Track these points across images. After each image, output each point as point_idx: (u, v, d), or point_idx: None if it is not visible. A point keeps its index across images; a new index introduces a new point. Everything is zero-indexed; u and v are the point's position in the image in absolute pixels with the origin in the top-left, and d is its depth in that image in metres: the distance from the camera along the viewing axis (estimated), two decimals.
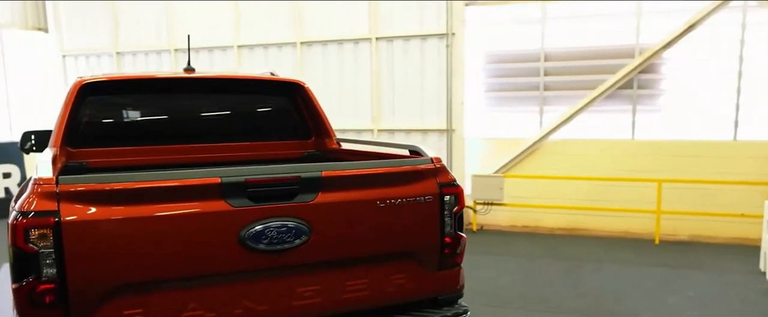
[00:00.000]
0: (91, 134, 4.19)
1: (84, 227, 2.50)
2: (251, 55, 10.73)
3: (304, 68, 10.32)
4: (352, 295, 3.11)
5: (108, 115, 4.37)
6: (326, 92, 10.21)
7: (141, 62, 11.52)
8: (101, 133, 4.27)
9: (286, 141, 4.78)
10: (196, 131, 4.60)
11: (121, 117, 4.49)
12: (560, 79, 9.47)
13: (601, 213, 9.03)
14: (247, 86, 4.81)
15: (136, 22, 11.44)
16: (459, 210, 3.33)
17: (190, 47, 5.09)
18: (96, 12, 11.72)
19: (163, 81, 4.56)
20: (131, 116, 4.57)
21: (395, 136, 9.90)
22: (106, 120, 4.36)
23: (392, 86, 9.88)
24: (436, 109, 9.56)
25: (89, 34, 11.82)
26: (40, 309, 2.50)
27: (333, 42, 10.16)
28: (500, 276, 6.87)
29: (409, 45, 9.73)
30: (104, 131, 4.30)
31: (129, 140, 4.33)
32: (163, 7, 11.15)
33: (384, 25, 9.84)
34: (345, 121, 10.16)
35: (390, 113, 9.94)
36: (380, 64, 9.90)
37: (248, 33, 10.66)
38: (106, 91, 4.21)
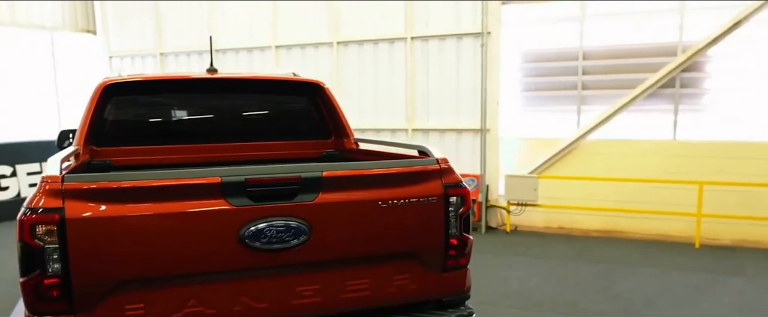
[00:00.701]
0: (115, 133, 4.32)
1: (87, 224, 2.58)
2: (289, 55, 10.85)
3: (340, 68, 10.39)
4: (353, 295, 3.11)
5: (131, 115, 4.50)
6: (361, 92, 10.28)
7: (183, 63, 11.81)
8: (125, 132, 4.40)
9: (306, 141, 4.82)
10: (217, 131, 4.69)
11: (145, 117, 4.61)
12: (599, 78, 9.26)
13: (639, 216, 8.78)
14: (268, 86, 4.87)
15: (179, 23, 11.74)
16: (465, 212, 3.30)
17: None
18: (141, 14, 12.08)
19: (185, 82, 4.66)
20: (154, 116, 4.69)
21: (430, 136, 9.87)
22: (130, 120, 4.49)
23: (427, 86, 9.85)
24: (471, 109, 9.49)
25: (134, 35, 12.19)
26: (46, 302, 2.59)
27: (369, 42, 10.19)
28: (530, 277, 6.77)
29: (445, 44, 9.68)
30: (128, 131, 4.43)
31: (152, 139, 4.44)
32: (204, 8, 11.40)
33: (419, 25, 9.82)
34: (380, 121, 10.19)
35: (424, 113, 9.91)
36: (415, 63, 9.88)
37: (286, 33, 10.80)
38: (129, 91, 4.33)
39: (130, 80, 4.25)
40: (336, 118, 4.73)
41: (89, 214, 2.59)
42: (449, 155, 9.94)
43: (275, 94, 4.88)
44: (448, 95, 9.70)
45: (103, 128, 4.24)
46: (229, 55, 11.34)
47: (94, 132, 4.13)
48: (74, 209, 2.56)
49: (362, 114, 10.34)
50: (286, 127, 4.88)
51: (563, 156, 9.35)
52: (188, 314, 2.81)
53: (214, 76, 4.46)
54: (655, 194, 8.68)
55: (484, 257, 7.68)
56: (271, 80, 4.88)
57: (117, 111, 4.32)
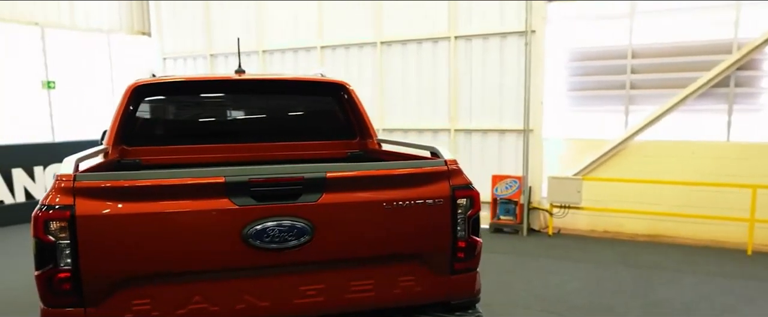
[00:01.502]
0: (145, 133, 4.47)
1: (96, 221, 2.69)
2: (333, 55, 10.95)
3: (383, 68, 10.41)
4: (357, 295, 3.12)
5: (160, 115, 4.64)
6: (404, 93, 10.28)
7: (232, 64, 12.02)
8: (154, 132, 4.54)
9: (331, 141, 4.85)
10: (244, 131, 4.78)
11: (173, 117, 4.75)
12: (648, 77, 8.96)
13: (689, 220, 8.46)
14: (294, 87, 4.93)
15: (227, 25, 12.01)
16: (473, 214, 3.25)
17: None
18: (192, 17, 12.43)
19: (212, 83, 4.77)
20: (183, 116, 4.81)
21: (472, 136, 9.78)
22: (159, 120, 4.63)
23: (470, 86, 9.76)
24: (514, 109, 9.34)
25: (186, 37, 12.55)
26: (58, 296, 2.71)
27: (412, 41, 10.17)
28: (568, 282, 6.61)
29: (488, 44, 9.57)
30: (157, 131, 4.57)
31: (181, 139, 4.57)
32: (251, 10, 11.62)
33: (463, 24, 9.73)
34: (422, 121, 10.17)
35: (467, 113, 9.82)
36: (458, 63, 9.81)
37: (331, 34, 10.90)
38: (158, 93, 4.46)
39: (159, 82, 4.38)
40: (360, 118, 4.75)
41: (98, 211, 2.69)
42: (491, 156, 9.84)
43: (301, 94, 4.93)
44: (491, 95, 9.59)
45: (134, 128, 4.39)
46: (276, 56, 11.54)
47: (124, 132, 4.28)
48: (84, 207, 2.67)
49: (405, 114, 10.34)
50: (312, 127, 4.93)
51: (610, 158, 9.09)
52: (193, 310, 2.88)
53: (241, 77, 4.55)
54: (706, 197, 8.34)
55: (523, 259, 7.56)
56: (297, 81, 4.94)
57: (146, 112, 4.47)
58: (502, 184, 9.13)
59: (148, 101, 4.45)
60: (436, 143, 9.65)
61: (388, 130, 10.48)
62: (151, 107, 4.52)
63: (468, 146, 9.87)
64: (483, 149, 9.74)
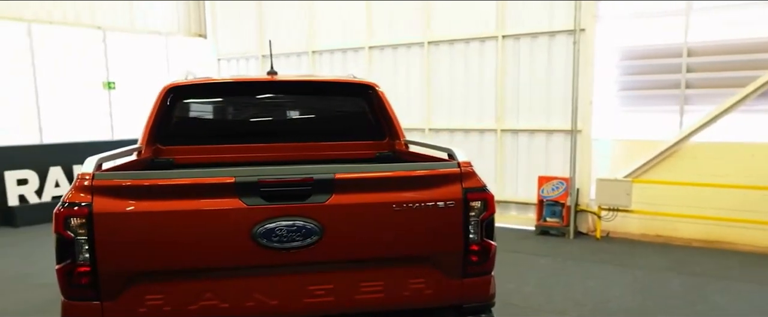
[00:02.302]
0: (178, 132, 4.59)
1: (112, 218, 2.80)
2: (381, 55, 10.98)
3: (430, 68, 10.37)
4: (367, 297, 3.11)
5: (193, 116, 4.76)
6: (451, 93, 10.22)
7: (283, 64, 12.27)
8: (187, 132, 4.66)
9: (360, 142, 4.86)
10: (275, 131, 4.85)
11: (205, 118, 4.87)
12: (705, 75, 8.57)
13: (748, 226, 8.04)
14: (323, 88, 4.97)
15: (279, 26, 12.23)
16: (487, 217, 3.19)
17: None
18: (246, 18, 12.72)
19: (244, 84, 4.85)
20: (215, 117, 4.93)
21: (519, 137, 9.61)
22: (192, 121, 4.75)
23: (517, 86, 9.60)
24: (562, 109, 9.13)
25: (240, 39, 12.86)
26: (77, 289, 2.84)
27: (460, 41, 10.09)
28: (610, 287, 6.41)
29: (536, 43, 9.39)
30: (190, 131, 4.69)
31: (212, 138, 4.68)
32: (302, 12, 11.79)
33: (511, 23, 9.59)
34: (468, 121, 10.08)
35: (514, 114, 9.66)
36: (506, 63, 9.66)
37: (379, 34, 10.94)
38: (191, 94, 4.58)
39: (191, 83, 4.50)
40: (388, 119, 4.72)
41: (114, 209, 2.80)
42: (538, 157, 9.69)
43: (331, 95, 4.96)
44: (538, 95, 9.41)
45: (168, 128, 4.52)
46: (325, 57, 11.66)
47: (158, 132, 4.42)
48: (101, 205, 2.78)
49: (452, 115, 10.27)
50: (341, 128, 4.96)
51: (663, 159, 8.74)
52: (204, 307, 2.95)
53: (271, 78, 4.61)
54: (766, 202, 7.91)
55: (566, 263, 7.38)
56: (327, 82, 4.97)
57: (180, 112, 4.60)
58: (549, 185, 8.94)
59: (182, 101, 4.57)
60: (483, 144, 9.63)
61: (434, 130, 10.44)
62: (185, 107, 4.64)
63: (514, 147, 9.70)
64: (530, 149, 9.56)
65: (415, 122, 10.63)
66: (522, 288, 6.38)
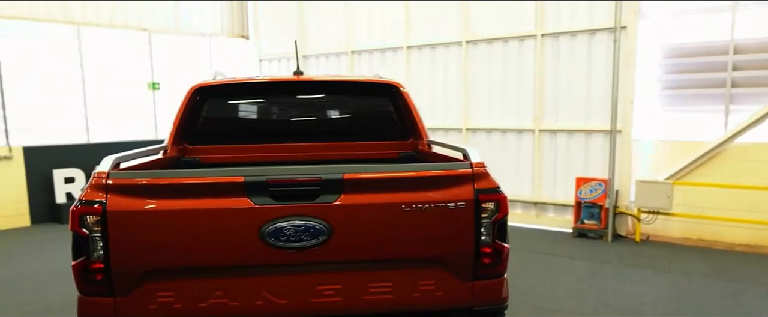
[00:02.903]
0: (205, 132, 4.70)
1: (125, 216, 2.89)
2: (420, 55, 10.98)
3: (468, 68, 10.31)
4: (375, 298, 3.13)
5: (219, 115, 4.85)
6: (489, 92, 10.15)
7: (322, 64, 12.41)
8: (214, 132, 4.77)
9: (385, 142, 4.88)
10: (300, 131, 4.92)
11: (232, 118, 4.95)
12: (752, 74, 8.26)
13: None
14: (348, 88, 5.00)
15: (319, 27, 12.36)
16: (499, 219, 3.16)
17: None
18: (287, 19, 12.90)
19: (269, 85, 4.93)
20: (241, 117, 5.02)
21: (557, 137, 9.47)
22: (218, 120, 4.85)
23: (556, 85, 9.46)
24: (602, 109, 8.96)
25: (281, 39, 13.05)
26: (92, 285, 2.95)
27: (498, 40, 10.00)
28: (646, 292, 6.27)
29: (576, 41, 9.23)
30: (216, 130, 4.79)
31: (238, 138, 4.77)
32: (341, 12, 11.89)
33: (551, 22, 9.45)
34: (506, 121, 9.99)
35: (553, 114, 9.53)
36: (544, 62, 9.53)
37: (417, 34, 10.93)
38: (217, 94, 4.68)
39: (218, 83, 4.60)
40: (412, 119, 4.72)
41: (127, 207, 2.89)
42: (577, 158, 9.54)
43: (355, 95, 4.99)
44: (577, 95, 9.25)
45: (195, 127, 4.63)
46: (364, 57, 11.73)
47: (185, 131, 4.54)
48: (115, 203, 2.88)
49: (490, 115, 10.19)
50: (365, 128, 4.99)
51: (707, 161, 8.48)
52: (213, 304, 3.02)
53: (297, 78, 4.68)
54: None
55: (602, 266, 7.25)
56: (351, 82, 5.01)
57: (206, 112, 4.70)
58: (587, 187, 8.78)
59: (208, 102, 4.68)
60: (521, 144, 9.54)
61: (471, 130, 10.38)
62: (211, 107, 4.74)
63: (553, 148, 9.57)
64: (568, 150, 9.41)
65: (452, 122, 10.60)
66: (554, 292, 6.31)
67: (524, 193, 9.92)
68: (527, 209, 9.93)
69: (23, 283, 6.75)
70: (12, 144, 9.68)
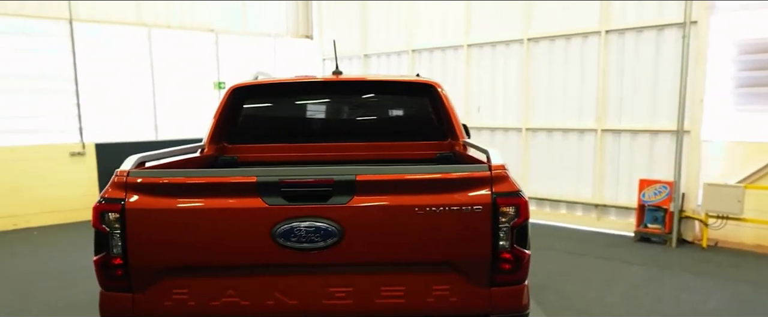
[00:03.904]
0: (243, 131, 4.79)
1: (142, 214, 2.96)
2: (480, 53, 10.81)
3: (529, 66, 10.06)
4: (387, 301, 3.06)
5: (257, 115, 4.93)
6: (550, 91, 9.89)
7: (383, 64, 12.44)
8: (252, 131, 4.84)
9: (422, 142, 4.81)
10: (337, 131, 4.93)
11: (269, 117, 5.02)
12: None
13: None
14: (385, 87, 4.96)
15: (380, 26, 12.40)
16: (519, 224, 3.00)
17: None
18: (350, 19, 13.01)
19: (307, 85, 4.95)
20: (278, 116, 5.07)
21: (621, 137, 9.09)
22: (256, 120, 4.93)
23: (620, 84, 9.08)
24: (670, 108, 8.51)
25: (343, 39, 13.13)
26: (112, 280, 3.04)
27: (560, 37, 9.70)
28: (706, 301, 5.92)
29: (643, 37, 8.83)
30: (254, 130, 4.87)
31: (276, 138, 4.83)
32: (403, 11, 11.87)
33: (616, 17, 9.08)
34: (568, 120, 9.69)
35: (616, 113, 9.15)
36: (609, 59, 9.17)
37: (478, 32, 10.77)
38: (255, 94, 4.75)
39: (255, 84, 4.67)
40: (448, 120, 4.62)
41: (144, 205, 2.96)
42: (641, 159, 9.18)
43: (393, 95, 4.95)
44: (643, 94, 8.84)
45: (233, 127, 4.72)
46: (424, 55, 11.67)
47: (223, 130, 4.63)
48: (133, 201, 2.96)
49: (550, 114, 9.91)
50: (403, 128, 4.95)
51: None
52: (226, 303, 3.05)
53: (334, 78, 4.69)
54: None
55: (662, 273, 6.90)
56: (389, 82, 4.97)
57: (245, 112, 4.78)
58: (651, 189, 8.38)
59: (247, 101, 4.76)
60: (582, 144, 9.25)
61: (532, 130, 10.13)
62: (250, 107, 4.82)
63: (616, 148, 9.18)
64: (632, 151, 9.01)
65: (513, 122, 10.38)
66: (604, 298, 6.05)
67: (585, 195, 9.58)
68: (588, 211, 9.58)
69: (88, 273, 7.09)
70: (85, 141, 10.22)
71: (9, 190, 9.41)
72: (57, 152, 9.87)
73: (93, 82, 10.44)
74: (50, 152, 9.85)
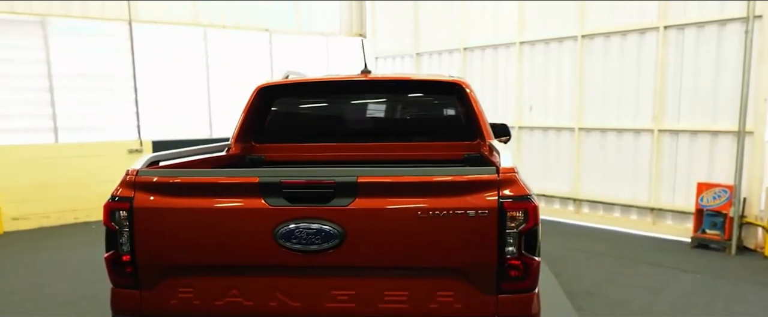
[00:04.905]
0: (272, 131, 4.81)
1: (149, 212, 3.01)
2: (532, 51, 10.55)
3: (583, 63, 9.74)
4: (390, 306, 2.99)
5: (285, 115, 4.93)
6: (605, 90, 9.57)
7: (435, 62, 12.33)
8: (280, 131, 4.85)
9: (451, 142, 4.71)
10: (365, 131, 4.89)
11: (296, 117, 5.02)
12: None
13: None
14: (414, 86, 4.88)
15: (432, 24, 12.29)
16: (528, 229, 2.86)
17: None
18: (403, 17, 12.97)
19: (334, 84, 4.92)
20: (305, 116, 5.06)
21: (679, 138, 8.68)
22: (284, 119, 4.93)
23: (679, 82, 8.66)
24: (732, 108, 8.05)
25: (396, 37, 13.16)
26: (122, 277, 3.11)
27: (616, 34, 9.35)
28: (758, 314, 5.57)
29: (703, 33, 8.39)
30: (282, 129, 4.88)
31: (304, 137, 4.83)
32: (455, 9, 11.73)
33: (676, 12, 8.67)
34: (622, 120, 9.35)
35: (674, 113, 8.74)
36: (667, 56, 8.76)
37: (530, 29, 10.52)
38: (282, 93, 4.77)
39: (281, 83, 4.68)
40: (475, 120, 4.49)
41: (151, 204, 3.01)
42: (700, 162, 8.78)
43: (421, 94, 4.87)
44: (703, 93, 8.40)
45: (261, 126, 4.75)
46: (476, 54, 11.49)
47: (250, 130, 4.67)
48: (141, 200, 3.01)
49: (604, 113, 9.57)
50: (431, 127, 4.85)
51: None
52: (229, 303, 3.06)
53: (362, 77, 4.64)
54: None
55: (717, 282, 6.55)
56: (416, 81, 4.88)
57: (272, 111, 4.80)
58: (709, 193, 7.96)
59: (274, 101, 4.78)
60: (638, 145, 8.95)
61: (585, 130, 9.81)
62: (277, 107, 4.84)
63: (673, 149, 8.77)
64: (690, 152, 8.58)
65: (565, 122, 10.08)
66: (651, 306, 5.78)
67: (640, 198, 9.19)
68: (643, 215, 9.20)
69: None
70: (143, 138, 10.58)
71: (71, 185, 9.85)
72: (116, 148, 10.27)
73: (150, 81, 10.83)
74: (110, 148, 10.25)
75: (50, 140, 9.91)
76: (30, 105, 9.80)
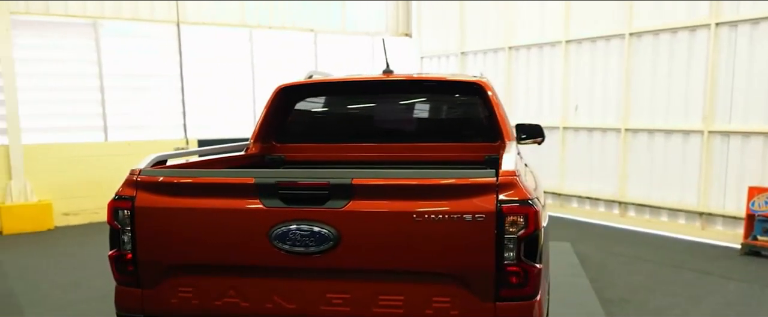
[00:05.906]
0: (292, 131, 4.83)
1: (149, 212, 3.08)
2: (578, 50, 10.30)
3: (630, 62, 9.44)
4: (385, 311, 2.95)
5: (305, 115, 4.95)
6: (653, 90, 9.27)
7: (480, 61, 12.19)
8: (299, 131, 4.87)
9: (473, 143, 4.62)
10: (386, 131, 4.85)
11: (316, 117, 5.02)
12: None
13: None
14: (433, 86, 4.82)
15: (478, 24, 12.16)
16: (527, 234, 2.77)
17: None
18: (448, 17, 12.89)
19: (355, 84, 4.91)
20: (325, 116, 5.06)
21: (730, 139, 8.29)
22: (304, 119, 4.95)
23: (731, 82, 8.28)
24: None
25: (441, 37, 13.08)
26: (124, 275, 3.18)
27: (665, 31, 9.02)
28: None
29: (758, 30, 8.00)
30: (302, 129, 4.89)
31: (324, 137, 4.83)
32: (500, 8, 11.57)
33: (728, 9, 8.29)
34: (671, 121, 9.03)
35: (725, 114, 8.36)
36: (718, 54, 8.39)
37: (577, 28, 10.27)
38: (302, 93, 4.79)
39: (301, 83, 4.70)
40: (495, 120, 4.38)
41: (151, 203, 3.07)
42: (754, 164, 8.44)
43: (442, 94, 4.80)
44: (757, 92, 8.00)
45: (281, 126, 4.78)
46: (522, 52, 11.30)
47: (271, 130, 4.70)
48: (142, 199, 3.08)
49: (653, 114, 9.25)
50: (452, 128, 4.78)
51: None
52: (227, 303, 3.09)
53: (382, 77, 4.62)
54: None
55: (762, 292, 6.24)
56: (436, 81, 4.81)
57: (292, 111, 4.83)
58: (762, 198, 7.58)
59: (294, 101, 4.80)
60: (687, 147, 8.65)
61: (631, 130, 9.50)
62: (298, 107, 4.86)
63: (724, 152, 8.39)
64: (742, 155, 8.19)
65: (612, 122, 9.79)
66: (688, 315, 5.54)
67: (688, 202, 8.83)
68: (691, 220, 8.83)
69: None
70: (189, 137, 10.87)
71: (119, 182, 10.09)
72: (163, 147, 10.52)
73: (197, 81, 11.14)
74: (157, 147, 10.49)
75: (100, 138, 10.33)
76: (81, 104, 10.24)
